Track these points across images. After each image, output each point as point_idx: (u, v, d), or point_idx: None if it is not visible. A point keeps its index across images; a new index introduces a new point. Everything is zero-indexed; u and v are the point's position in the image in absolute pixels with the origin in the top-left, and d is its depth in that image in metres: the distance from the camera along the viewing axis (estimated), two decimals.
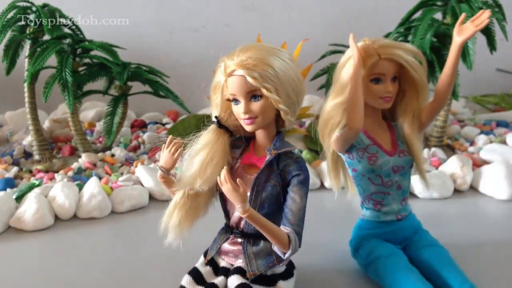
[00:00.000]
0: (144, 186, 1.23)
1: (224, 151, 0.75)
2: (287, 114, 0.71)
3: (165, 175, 0.77)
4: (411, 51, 0.80)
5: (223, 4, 1.87)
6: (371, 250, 0.82)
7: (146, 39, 1.87)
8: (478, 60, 1.24)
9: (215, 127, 0.75)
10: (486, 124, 1.61)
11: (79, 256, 0.97)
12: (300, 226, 0.73)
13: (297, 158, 0.74)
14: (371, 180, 0.83)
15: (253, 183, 0.73)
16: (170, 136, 0.77)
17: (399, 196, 0.85)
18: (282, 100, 0.70)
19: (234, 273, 0.75)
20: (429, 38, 1.22)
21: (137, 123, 1.69)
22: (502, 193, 1.16)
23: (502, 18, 1.25)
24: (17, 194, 1.16)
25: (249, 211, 0.69)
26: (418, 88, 0.81)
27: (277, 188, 0.73)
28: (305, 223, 0.74)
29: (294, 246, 0.71)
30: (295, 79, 0.71)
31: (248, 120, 0.72)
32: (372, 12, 1.88)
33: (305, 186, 0.73)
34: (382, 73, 0.79)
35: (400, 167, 0.83)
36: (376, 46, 0.78)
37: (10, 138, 1.58)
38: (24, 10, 1.33)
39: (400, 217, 0.85)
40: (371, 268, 0.82)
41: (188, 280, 0.76)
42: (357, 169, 0.83)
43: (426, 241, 0.84)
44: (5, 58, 1.35)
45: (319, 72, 1.46)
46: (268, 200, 0.73)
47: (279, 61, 0.70)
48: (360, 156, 0.82)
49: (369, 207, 0.85)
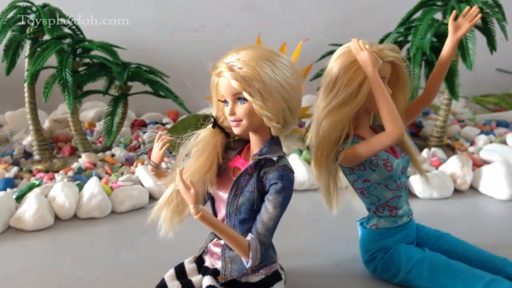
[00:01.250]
0: (144, 186, 1.23)
1: (213, 151, 0.75)
2: (271, 120, 0.69)
3: (155, 169, 0.80)
4: (394, 49, 0.80)
5: (223, 4, 1.87)
6: (409, 257, 0.81)
7: (146, 39, 1.87)
8: (478, 60, 1.24)
9: (210, 127, 0.76)
10: (486, 124, 1.61)
11: (79, 256, 0.97)
12: (267, 237, 0.71)
13: (281, 166, 0.71)
14: (388, 187, 0.82)
15: (231, 187, 0.73)
16: (160, 132, 0.79)
17: (407, 197, 0.86)
18: (268, 105, 0.68)
19: (209, 274, 0.75)
20: (429, 38, 1.22)
21: (137, 123, 1.69)
22: (502, 193, 1.16)
23: (502, 18, 1.25)
24: (17, 194, 1.16)
25: (201, 212, 0.68)
26: (401, 84, 0.82)
27: (254, 194, 0.71)
28: (305, 223, 0.74)
29: (254, 255, 0.70)
30: (286, 85, 0.69)
31: (234, 123, 0.71)
32: (372, 12, 1.88)
33: (280, 196, 0.70)
34: (383, 76, 0.78)
35: (405, 167, 0.84)
36: (376, 51, 0.77)
37: (10, 138, 1.58)
38: (24, 10, 1.33)
39: (411, 216, 0.86)
40: (413, 275, 0.80)
41: (170, 274, 0.78)
42: (371, 179, 0.81)
43: (436, 233, 0.86)
44: (5, 58, 1.35)
45: (319, 72, 1.46)
46: (245, 205, 0.72)
47: (268, 66, 0.68)
48: (374, 165, 0.80)
49: (384, 214, 0.83)
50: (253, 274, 0.74)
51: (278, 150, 0.72)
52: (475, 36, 1.21)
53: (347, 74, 0.77)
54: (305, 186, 1.22)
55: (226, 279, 0.73)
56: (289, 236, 1.01)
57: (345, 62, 0.78)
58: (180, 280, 0.77)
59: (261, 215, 0.70)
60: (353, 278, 0.87)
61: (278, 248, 0.78)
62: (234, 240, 0.70)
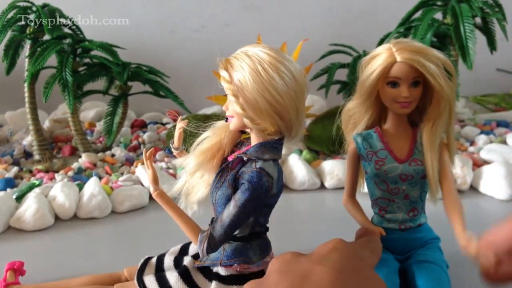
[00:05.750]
0: (144, 186, 1.23)
1: (219, 142, 0.75)
2: (253, 123, 0.67)
3: (176, 151, 0.81)
4: (439, 59, 0.75)
5: (223, 4, 1.87)
6: None
7: (146, 39, 1.87)
8: (478, 60, 1.24)
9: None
10: (486, 124, 1.61)
11: (79, 256, 0.97)
12: (219, 233, 0.69)
13: (258, 168, 0.68)
14: (377, 185, 0.81)
15: (213, 179, 0.73)
16: (180, 117, 0.82)
17: (406, 206, 0.81)
18: (248, 106, 0.66)
19: (191, 255, 0.78)
20: (429, 38, 1.22)
21: (137, 123, 1.69)
22: (502, 193, 1.16)
23: (502, 18, 1.25)
24: (17, 194, 1.16)
25: (157, 191, 0.74)
26: (439, 96, 0.76)
27: (229, 190, 0.70)
28: (305, 223, 0.73)
29: (200, 246, 0.70)
30: (273, 91, 0.66)
31: (229, 118, 0.72)
32: (372, 12, 1.88)
33: (243, 197, 0.67)
34: (398, 77, 0.75)
35: (409, 176, 0.79)
36: (395, 49, 0.75)
37: (10, 138, 1.58)
38: (24, 10, 1.33)
39: (404, 227, 0.82)
40: None
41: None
42: (367, 172, 0.82)
43: (423, 256, 0.80)
44: (5, 58, 1.35)
45: (319, 72, 1.46)
46: (221, 199, 0.71)
47: (250, 65, 0.66)
48: (369, 159, 0.81)
49: (375, 211, 0.84)
50: (222, 267, 0.74)
51: (268, 153, 0.69)
52: (475, 36, 1.21)
53: (369, 63, 0.78)
54: (305, 186, 1.22)
55: (200, 265, 0.75)
56: (289, 236, 1.01)
57: (375, 52, 0.78)
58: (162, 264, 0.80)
59: (223, 211, 0.70)
60: None
61: (278, 248, 0.77)
62: (187, 226, 0.73)
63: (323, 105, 1.76)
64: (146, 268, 0.78)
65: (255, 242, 0.75)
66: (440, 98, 0.76)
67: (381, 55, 0.76)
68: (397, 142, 0.81)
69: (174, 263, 0.78)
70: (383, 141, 0.81)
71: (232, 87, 0.67)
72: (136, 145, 1.50)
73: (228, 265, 0.73)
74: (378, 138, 0.81)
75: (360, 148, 0.82)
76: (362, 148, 0.82)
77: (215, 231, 0.70)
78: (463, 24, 1.21)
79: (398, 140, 0.81)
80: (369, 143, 0.81)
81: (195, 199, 0.78)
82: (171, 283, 0.74)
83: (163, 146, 1.50)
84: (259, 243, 0.75)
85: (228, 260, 0.73)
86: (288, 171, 1.25)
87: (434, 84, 0.75)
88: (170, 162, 1.36)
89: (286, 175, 1.24)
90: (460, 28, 1.21)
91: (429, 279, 0.76)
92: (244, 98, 0.66)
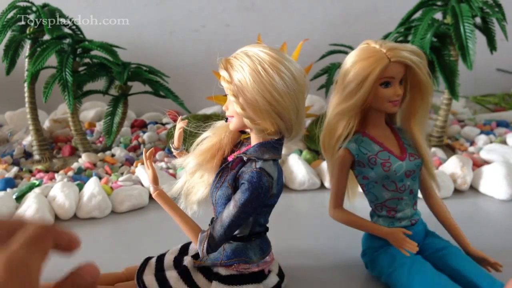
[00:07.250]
0: (144, 186, 1.23)
1: (219, 142, 0.75)
2: (253, 123, 0.67)
3: (176, 151, 0.81)
4: (414, 52, 0.78)
5: (223, 4, 1.87)
6: (393, 258, 0.80)
7: (146, 39, 1.87)
8: (478, 60, 1.24)
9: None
10: (486, 124, 1.61)
11: (79, 256, 0.97)
12: (219, 233, 0.69)
13: (258, 168, 0.68)
14: (385, 187, 0.81)
15: (213, 179, 0.73)
16: (180, 117, 0.81)
17: (411, 201, 0.83)
18: (248, 106, 0.66)
19: (191, 254, 0.78)
20: (429, 38, 1.22)
21: (137, 123, 1.69)
22: (502, 193, 1.16)
23: (502, 18, 1.25)
24: (17, 194, 1.16)
25: (157, 191, 0.75)
26: (422, 88, 0.79)
27: (229, 190, 0.70)
28: (305, 223, 0.73)
29: (200, 246, 0.70)
30: (273, 91, 0.65)
31: (229, 118, 0.71)
32: (372, 12, 1.88)
33: (243, 197, 0.67)
34: (391, 76, 0.77)
35: (412, 171, 0.81)
36: (385, 50, 0.76)
37: (10, 138, 1.58)
38: (24, 10, 1.33)
39: (414, 221, 0.83)
40: (394, 277, 0.78)
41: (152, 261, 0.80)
42: (370, 177, 0.81)
43: (440, 244, 0.83)
44: (5, 58, 1.35)
45: (319, 72, 1.46)
46: (221, 199, 0.71)
47: (250, 65, 0.66)
48: (372, 163, 0.80)
49: (382, 214, 0.83)
50: (222, 267, 0.74)
51: (268, 153, 0.69)
52: (475, 36, 1.21)
53: (355, 68, 0.76)
54: (305, 186, 1.22)
55: (200, 265, 0.75)
56: (289, 236, 1.01)
57: (358, 57, 0.77)
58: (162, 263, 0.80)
59: (223, 211, 0.70)
60: (354, 278, 0.87)
61: (278, 248, 0.78)
62: (185, 226, 0.73)
63: (323, 105, 1.76)
64: (146, 268, 0.78)
65: (255, 242, 0.75)
66: (424, 88, 0.79)
67: (371, 58, 0.76)
68: (387, 142, 0.82)
69: (174, 263, 0.78)
70: (377, 142, 0.81)
71: (232, 87, 0.67)
72: (136, 145, 1.50)
73: (228, 265, 0.74)
74: (372, 141, 0.81)
75: (358, 154, 0.80)
76: (361, 154, 0.80)
77: (215, 231, 0.70)
78: (463, 24, 1.21)
79: (387, 140, 0.82)
80: (364, 147, 0.81)
81: (195, 199, 0.78)
82: (171, 283, 0.74)
83: (163, 146, 1.50)
84: (259, 243, 0.75)
85: (228, 260, 0.73)
86: (288, 171, 1.25)
87: (421, 76, 0.78)
88: (170, 162, 1.36)
89: (286, 175, 1.24)
90: (460, 28, 1.21)
91: (464, 259, 0.79)
92: (244, 98, 0.66)
